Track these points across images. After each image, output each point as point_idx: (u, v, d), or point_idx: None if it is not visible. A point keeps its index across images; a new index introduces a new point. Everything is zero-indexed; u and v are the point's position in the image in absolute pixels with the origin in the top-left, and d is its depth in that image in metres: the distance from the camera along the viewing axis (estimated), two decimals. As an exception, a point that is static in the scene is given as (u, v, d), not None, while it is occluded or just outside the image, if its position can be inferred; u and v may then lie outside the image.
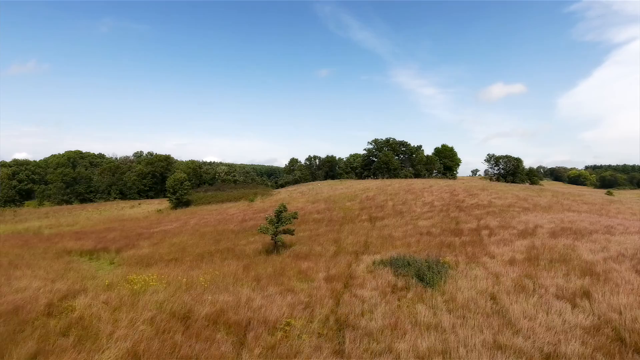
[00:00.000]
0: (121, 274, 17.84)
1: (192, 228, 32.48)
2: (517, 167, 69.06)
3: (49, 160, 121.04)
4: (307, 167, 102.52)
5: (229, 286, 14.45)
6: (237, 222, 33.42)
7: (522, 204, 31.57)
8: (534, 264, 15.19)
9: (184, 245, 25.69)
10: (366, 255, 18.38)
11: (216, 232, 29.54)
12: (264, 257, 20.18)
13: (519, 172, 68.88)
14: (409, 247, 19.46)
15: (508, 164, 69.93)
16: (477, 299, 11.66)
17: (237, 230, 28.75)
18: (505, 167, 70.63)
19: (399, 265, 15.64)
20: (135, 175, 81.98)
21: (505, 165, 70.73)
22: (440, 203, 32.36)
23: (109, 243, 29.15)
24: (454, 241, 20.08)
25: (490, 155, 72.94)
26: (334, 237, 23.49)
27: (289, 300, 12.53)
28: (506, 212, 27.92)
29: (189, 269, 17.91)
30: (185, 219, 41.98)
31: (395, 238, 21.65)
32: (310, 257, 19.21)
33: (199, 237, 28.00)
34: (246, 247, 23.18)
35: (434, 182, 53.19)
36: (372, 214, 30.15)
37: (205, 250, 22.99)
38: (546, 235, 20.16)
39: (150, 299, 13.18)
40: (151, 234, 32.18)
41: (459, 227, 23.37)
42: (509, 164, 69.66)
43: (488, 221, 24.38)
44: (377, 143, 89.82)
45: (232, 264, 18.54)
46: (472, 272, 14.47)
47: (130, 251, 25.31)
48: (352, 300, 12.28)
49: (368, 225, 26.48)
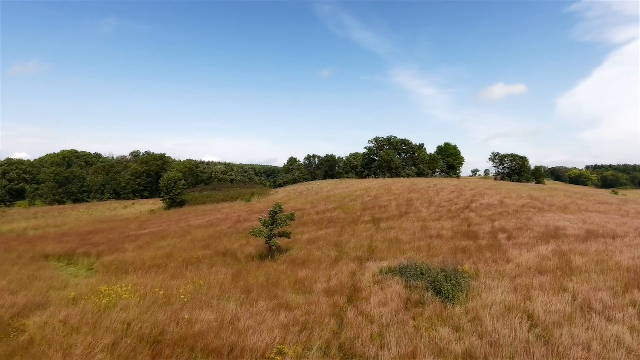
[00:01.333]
0: (94, 283, 15.73)
1: (182, 230, 30.37)
2: (523, 166, 66.99)
3: (44, 160, 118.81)
4: (306, 167, 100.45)
5: (212, 300, 12.36)
6: (231, 223, 31.32)
7: (535, 203, 29.54)
8: (567, 273, 13.13)
9: (171, 248, 23.60)
10: (371, 261, 16.31)
11: (207, 234, 27.44)
12: (257, 263, 18.10)
13: (525, 171, 66.78)
14: (419, 252, 17.39)
15: (513, 163, 67.88)
16: (509, 318, 9.60)
17: (230, 233, 26.65)
18: (510, 166, 68.55)
19: (410, 274, 13.57)
20: (129, 175, 79.74)
21: (510, 164, 68.66)
22: (448, 203, 30.30)
23: (92, 246, 27.03)
24: (468, 245, 18.01)
25: (494, 153, 70.97)
26: (335, 240, 21.42)
27: (282, 319, 10.46)
28: (520, 212, 25.89)
29: (170, 278, 15.81)
30: (177, 219, 39.86)
31: (403, 241, 19.58)
32: (309, 263, 17.14)
33: (189, 240, 25.91)
34: (238, 251, 21.09)
35: (438, 181, 51.12)
36: (375, 215, 28.07)
37: (193, 255, 20.89)
38: (571, 239, 18.11)
39: (118, 316, 11.08)
40: (138, 236, 30.09)
41: (471, 229, 21.32)
42: (514, 162, 67.60)
43: (503, 223, 22.33)
44: (377, 141, 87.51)
45: (221, 272, 16.45)
46: (497, 283, 12.41)
47: (113, 255, 23.21)
48: (358, 320, 10.21)
49: (371, 227, 24.40)
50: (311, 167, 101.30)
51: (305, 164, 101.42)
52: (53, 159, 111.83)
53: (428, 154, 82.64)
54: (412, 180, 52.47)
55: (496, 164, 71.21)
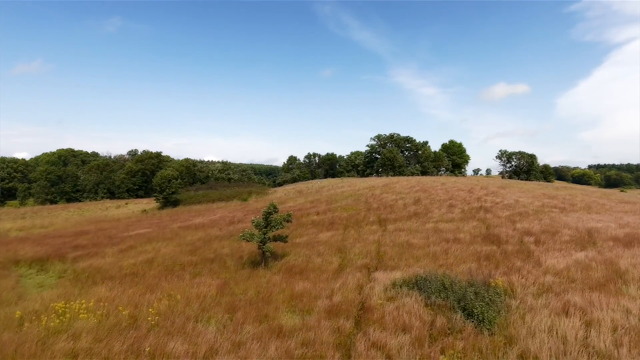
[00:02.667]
0: (53, 297, 13.37)
1: (171, 232, 27.99)
2: (531, 164, 64.41)
3: (40, 159, 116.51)
4: (306, 165, 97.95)
5: (188, 322, 9.97)
6: (224, 224, 28.94)
7: (554, 203, 27.11)
8: (622, 289, 10.72)
9: (156, 254, 21.23)
10: (381, 271, 13.92)
11: (197, 237, 25.07)
12: (248, 272, 15.72)
13: (533, 170, 64.20)
14: (436, 260, 14.99)
15: (521, 161, 65.28)
16: (574, 356, 7.20)
17: (222, 236, 24.26)
18: (518, 164, 65.92)
19: (430, 288, 11.15)
20: (124, 174, 77.38)
21: (518, 162, 66.05)
22: (460, 202, 27.88)
23: (71, 250, 24.68)
24: (492, 251, 15.60)
25: (502, 151, 68.28)
26: (338, 244, 19.03)
27: (272, 353, 8.08)
28: (541, 213, 23.47)
29: (145, 291, 13.43)
30: (169, 220, 37.48)
31: (415, 246, 17.17)
32: (307, 272, 14.75)
33: (176, 244, 23.54)
34: (228, 257, 18.70)
35: (445, 179, 48.67)
36: (382, 216, 25.66)
37: (177, 262, 18.52)
38: (611, 243, 15.70)
39: (64, 347, 8.73)
40: (124, 239, 27.73)
41: (492, 232, 18.90)
42: (522, 161, 65.00)
43: (526, 225, 19.92)
44: (380, 139, 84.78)
45: (205, 283, 14.07)
46: (540, 302, 10.02)
47: (90, 261, 20.85)
48: (371, 355, 7.83)
49: (378, 230, 22.01)
50: (311, 166, 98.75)
51: (306, 162, 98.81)
52: (49, 158, 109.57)
53: (433, 151, 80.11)
54: (417, 178, 50.06)
55: (503, 162, 68.63)
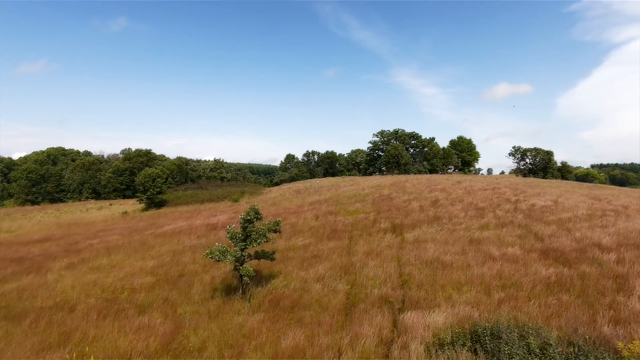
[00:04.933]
0: None
1: (141, 241, 23.23)
2: (549, 162, 59.68)
3: (29, 157, 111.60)
4: (304, 164, 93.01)
5: None
6: (205, 230, 24.20)
7: (602, 205, 22.49)
8: None
9: (109, 271, 16.55)
10: (412, 310, 9.24)
11: (169, 248, 20.38)
12: (218, 304, 11.04)
13: (550, 167, 59.47)
14: (488, 290, 10.31)
15: (536, 158, 60.46)
16: None
17: (197, 246, 19.56)
18: (534, 162, 61.12)
19: (504, 351, 6.53)
20: (110, 172, 72.46)
21: (533, 159, 61.24)
22: (488, 204, 23.22)
23: (11, 263, 20.01)
24: (564, 276, 10.93)
25: (515, 147, 63.30)
26: (343, 261, 14.36)
27: None
28: (594, 217, 18.86)
29: (53, 341, 8.74)
30: (147, 224, 32.74)
31: (451, 265, 12.49)
32: (301, 309, 10.09)
33: (139, 256, 18.86)
34: (197, 277, 14.01)
35: (459, 177, 43.95)
36: (395, 221, 20.96)
37: (128, 285, 13.82)
38: None
39: None
40: (83, 248, 23.04)
41: (548, 244, 14.25)
42: (537, 157, 60.17)
43: (587, 233, 15.31)
44: (383, 135, 79.58)
45: (149, 326, 9.39)
46: None
47: (24, 279, 16.19)
48: None
49: (393, 239, 17.33)
50: (310, 165, 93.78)
51: (304, 161, 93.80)
52: (37, 157, 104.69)
53: (441, 148, 74.99)
54: (428, 177, 45.40)
55: (517, 159, 63.77)
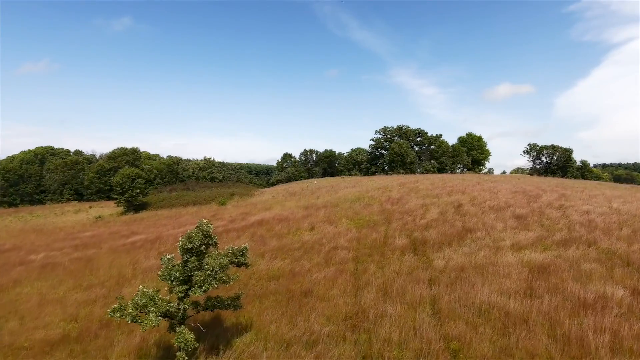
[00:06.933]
0: None
1: (86, 259, 18.34)
2: (568, 160, 54.95)
3: (16, 157, 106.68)
4: (302, 163, 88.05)
5: None
6: (173, 243, 19.34)
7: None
8: None
9: (19, 310, 11.68)
10: None
11: (115, 272, 15.49)
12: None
13: (570, 166, 54.74)
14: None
15: (553, 156, 55.70)
16: None
17: (153, 269, 14.70)
18: (551, 160, 56.36)
19: None
20: (93, 172, 67.49)
21: (550, 157, 56.46)
22: (527, 211, 18.41)
23: None
24: None
25: (531, 145, 58.34)
26: (347, 302, 9.55)
27: None
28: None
29: None
30: (111, 233, 27.85)
31: (519, 317, 7.65)
32: None
33: (73, 284, 14.01)
34: (125, 331, 9.15)
35: (476, 177, 39.16)
36: (414, 234, 16.14)
37: (17, 343, 8.94)
38: None
39: None
40: (17, 266, 18.16)
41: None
42: (555, 156, 55.39)
43: None
44: (386, 132, 74.46)
45: None
46: None
47: None
48: None
49: (415, 263, 12.52)
50: (308, 164, 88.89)
51: (301, 160, 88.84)
52: (24, 156, 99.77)
53: (451, 145, 69.86)
54: (440, 176, 40.64)
55: (532, 157, 58.98)
